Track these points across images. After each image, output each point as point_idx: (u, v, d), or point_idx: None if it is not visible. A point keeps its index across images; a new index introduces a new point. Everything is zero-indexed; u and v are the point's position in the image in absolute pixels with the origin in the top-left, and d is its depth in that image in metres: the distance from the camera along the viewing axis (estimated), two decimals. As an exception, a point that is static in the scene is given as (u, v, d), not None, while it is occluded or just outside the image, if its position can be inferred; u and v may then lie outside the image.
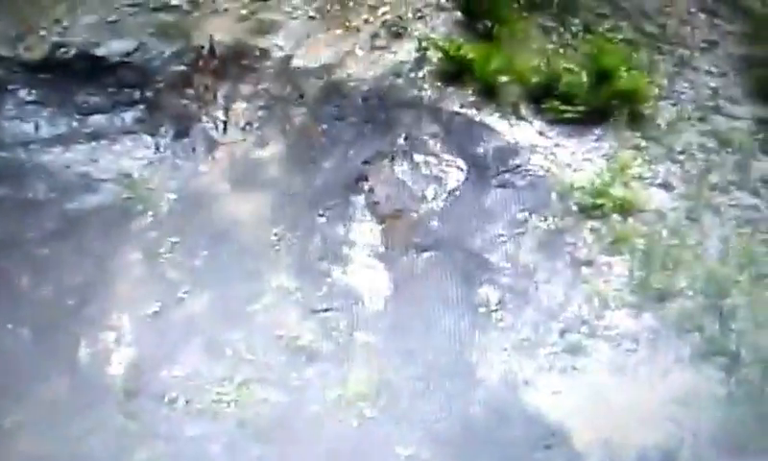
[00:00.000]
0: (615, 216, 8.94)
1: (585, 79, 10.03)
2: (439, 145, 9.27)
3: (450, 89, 9.76)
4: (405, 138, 9.27)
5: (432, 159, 9.15)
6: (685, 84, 10.71)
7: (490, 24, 10.24)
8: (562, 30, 10.73)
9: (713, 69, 10.95)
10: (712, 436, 7.44)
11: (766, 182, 9.64)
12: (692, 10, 11.44)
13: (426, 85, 9.79)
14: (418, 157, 9.17)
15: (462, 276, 8.28)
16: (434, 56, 9.98)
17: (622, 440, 7.37)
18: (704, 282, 8.44)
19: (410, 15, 10.36)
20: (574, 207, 8.94)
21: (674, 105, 10.41)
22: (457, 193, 8.90)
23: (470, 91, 9.75)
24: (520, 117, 9.70)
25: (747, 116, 10.37)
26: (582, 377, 7.77)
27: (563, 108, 9.77)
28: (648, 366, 7.91)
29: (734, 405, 7.59)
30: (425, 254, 8.46)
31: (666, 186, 9.42)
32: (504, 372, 7.76)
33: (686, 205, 9.21)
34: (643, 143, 9.85)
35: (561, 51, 10.44)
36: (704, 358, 7.92)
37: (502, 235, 8.63)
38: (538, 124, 9.69)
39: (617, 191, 9.16)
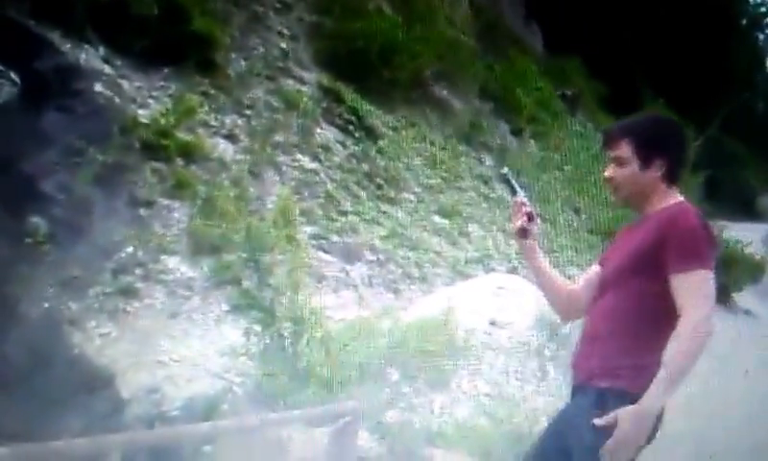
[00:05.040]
0: (179, 160, 9.47)
1: (156, 12, 10.41)
2: (-11, 53, 8.91)
3: (2, -7, 9.42)
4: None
5: (-21, 67, 8.77)
6: (257, 40, 11.67)
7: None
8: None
9: (285, 31, 12.10)
10: (250, 390, 8.25)
11: (326, 150, 10.98)
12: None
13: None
14: (-40, 61, 8.72)
15: (8, 201, 8.08)
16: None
17: (169, 387, 7.86)
18: (246, 237, 9.23)
19: None
20: (137, 144, 9.26)
21: (245, 59, 11.30)
22: (8, 109, 8.64)
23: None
24: (85, 39, 9.73)
25: (313, 83, 11.67)
26: (133, 322, 8.11)
27: (132, 38, 10.03)
28: (200, 315, 8.53)
29: (269, 360, 8.47)
30: (-29, 172, 8.11)
31: (231, 138, 10.22)
32: (48, 310, 7.78)
33: (250, 159, 10.09)
34: (212, 91, 10.55)
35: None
36: (243, 312, 8.69)
37: (57, 163, 8.61)
38: (104, 50, 9.83)
39: (182, 135, 9.69)
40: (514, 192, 3.57)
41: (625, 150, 3.30)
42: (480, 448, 7.57)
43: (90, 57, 9.55)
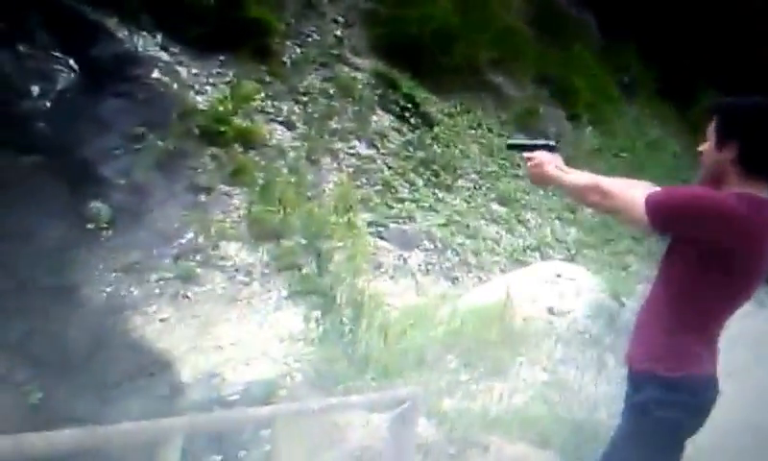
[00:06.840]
0: (237, 146, 9.42)
1: (212, 0, 10.40)
2: (47, 38, 8.94)
3: (61, -18, 9.45)
4: (10, 25, 8.80)
5: (39, 53, 8.80)
6: (312, 27, 11.58)
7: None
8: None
9: (340, 18, 11.99)
10: (309, 375, 8.19)
11: (382, 137, 10.86)
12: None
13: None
14: (22, 48, 8.76)
15: (70, 187, 8.13)
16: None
17: (228, 372, 7.82)
18: (305, 223, 9.18)
19: None
20: (195, 131, 9.24)
21: (300, 46, 11.22)
22: (68, 96, 8.69)
23: (87, -11, 9.56)
24: (142, 26, 9.74)
25: (368, 69, 11.56)
26: (192, 307, 8.08)
27: (188, 25, 10.02)
28: (260, 301, 8.47)
29: (328, 346, 8.40)
30: (28, 158, 8.15)
31: (288, 124, 10.16)
32: (110, 294, 7.79)
33: (307, 145, 10.01)
34: (268, 78, 10.50)
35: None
36: (303, 297, 8.59)
37: (117, 149, 8.63)
38: (160, 37, 9.82)
39: (240, 121, 9.65)
40: (531, 150, 3.50)
41: (711, 126, 3.26)
42: (538, 437, 7.41)
43: (147, 44, 9.55)
